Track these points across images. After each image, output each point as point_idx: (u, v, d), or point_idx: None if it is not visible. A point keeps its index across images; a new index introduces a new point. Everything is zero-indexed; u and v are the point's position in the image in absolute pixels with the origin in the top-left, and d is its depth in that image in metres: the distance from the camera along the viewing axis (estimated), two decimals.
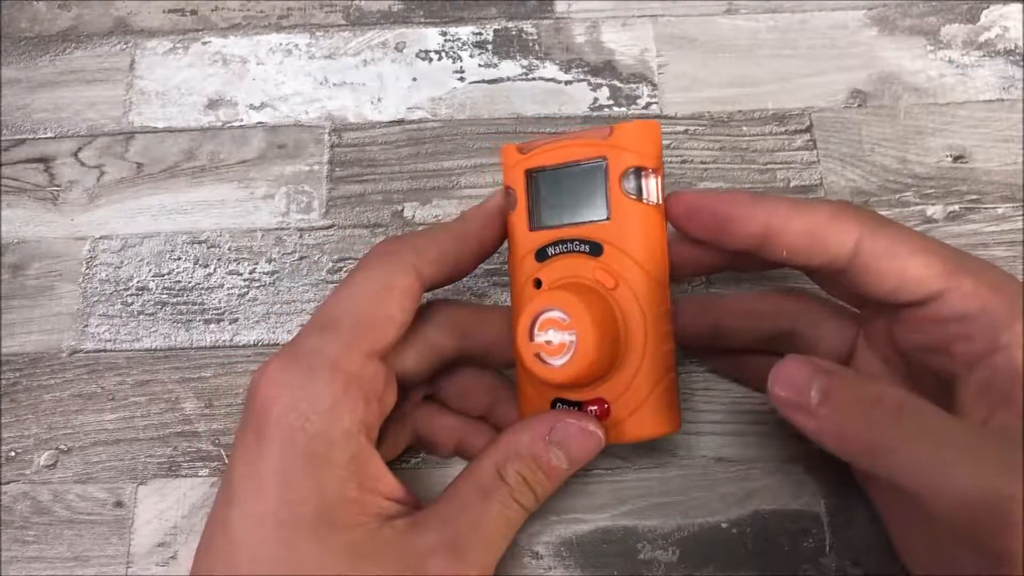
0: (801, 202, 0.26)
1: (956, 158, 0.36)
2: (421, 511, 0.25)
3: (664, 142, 0.36)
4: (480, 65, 0.38)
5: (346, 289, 0.26)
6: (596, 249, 0.26)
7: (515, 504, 0.25)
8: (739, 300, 0.30)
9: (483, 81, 0.38)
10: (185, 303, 0.34)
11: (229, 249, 0.35)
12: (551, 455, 0.25)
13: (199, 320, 0.34)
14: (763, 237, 0.25)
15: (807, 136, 0.37)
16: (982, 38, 0.38)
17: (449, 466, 0.31)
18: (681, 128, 0.37)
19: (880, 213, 0.26)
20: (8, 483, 0.31)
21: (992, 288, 0.24)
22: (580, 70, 0.38)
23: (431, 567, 0.23)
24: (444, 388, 0.30)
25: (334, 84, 0.38)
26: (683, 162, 0.36)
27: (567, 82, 0.38)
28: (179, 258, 0.35)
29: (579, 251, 0.26)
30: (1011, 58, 0.38)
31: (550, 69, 0.38)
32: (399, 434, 0.29)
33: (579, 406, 0.26)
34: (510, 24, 0.39)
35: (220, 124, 0.37)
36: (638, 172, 0.26)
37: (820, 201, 0.26)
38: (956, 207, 0.35)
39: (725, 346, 0.30)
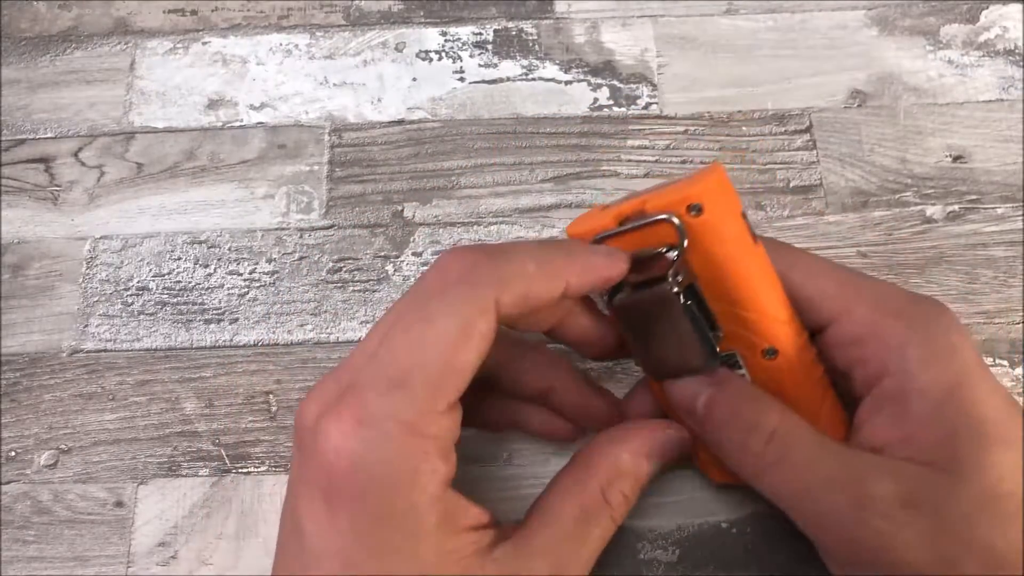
0: None
1: (956, 158, 0.36)
2: (518, 533, 0.24)
3: (664, 142, 0.37)
4: (480, 65, 0.38)
5: (417, 328, 0.22)
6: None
7: (613, 523, 0.25)
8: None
9: (483, 81, 0.38)
10: (185, 303, 0.34)
11: (229, 249, 0.35)
12: (653, 466, 0.25)
13: (199, 320, 0.34)
14: None
15: (807, 136, 0.37)
16: (982, 38, 0.38)
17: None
18: (681, 128, 0.37)
19: (783, 241, 0.27)
20: (8, 483, 0.31)
21: (887, 312, 0.24)
22: (580, 70, 0.38)
23: None
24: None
25: (334, 84, 0.38)
26: (683, 162, 0.36)
27: (567, 82, 0.38)
28: (179, 258, 0.35)
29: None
30: (1011, 58, 0.38)
31: (550, 69, 0.38)
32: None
33: None
34: (510, 24, 0.39)
35: (220, 124, 0.37)
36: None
37: None
38: (956, 207, 0.35)
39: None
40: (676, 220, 0.23)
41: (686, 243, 0.23)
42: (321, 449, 0.22)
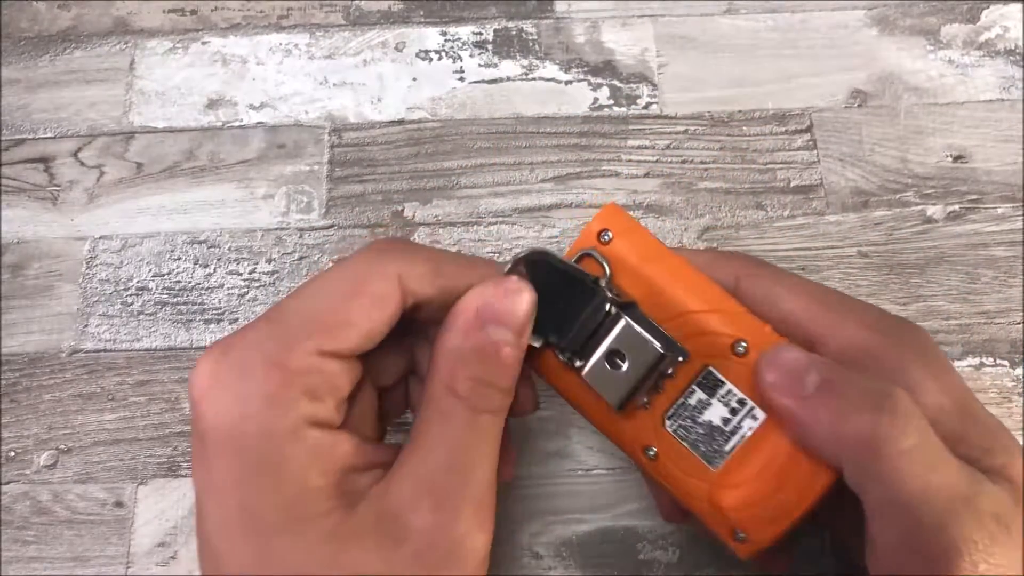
0: (678, 250, 0.25)
1: (956, 158, 0.36)
2: (395, 464, 0.22)
3: (664, 142, 0.37)
4: (480, 65, 0.38)
5: (311, 284, 0.23)
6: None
7: (481, 414, 0.22)
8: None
9: (483, 81, 0.38)
10: (185, 303, 0.34)
11: (229, 249, 0.35)
12: (491, 336, 0.22)
13: (199, 320, 0.34)
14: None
15: (807, 136, 0.37)
16: (982, 38, 0.38)
17: None
18: (681, 128, 0.37)
19: (758, 258, 0.26)
20: (8, 483, 0.31)
21: (877, 331, 0.23)
22: (580, 70, 0.38)
23: (414, 523, 0.21)
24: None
25: (334, 84, 0.38)
26: (683, 162, 0.36)
27: (567, 82, 0.38)
28: (179, 258, 0.35)
29: None
30: (1011, 58, 0.38)
31: (550, 69, 0.38)
32: (396, 364, 0.26)
33: None
34: (510, 24, 0.39)
35: (220, 124, 0.37)
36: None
37: (700, 250, 0.26)
38: (956, 207, 0.35)
39: None
40: (594, 253, 0.24)
41: (609, 270, 0.24)
42: (191, 384, 0.21)
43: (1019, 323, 0.33)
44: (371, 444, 0.23)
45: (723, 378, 0.23)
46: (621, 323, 0.23)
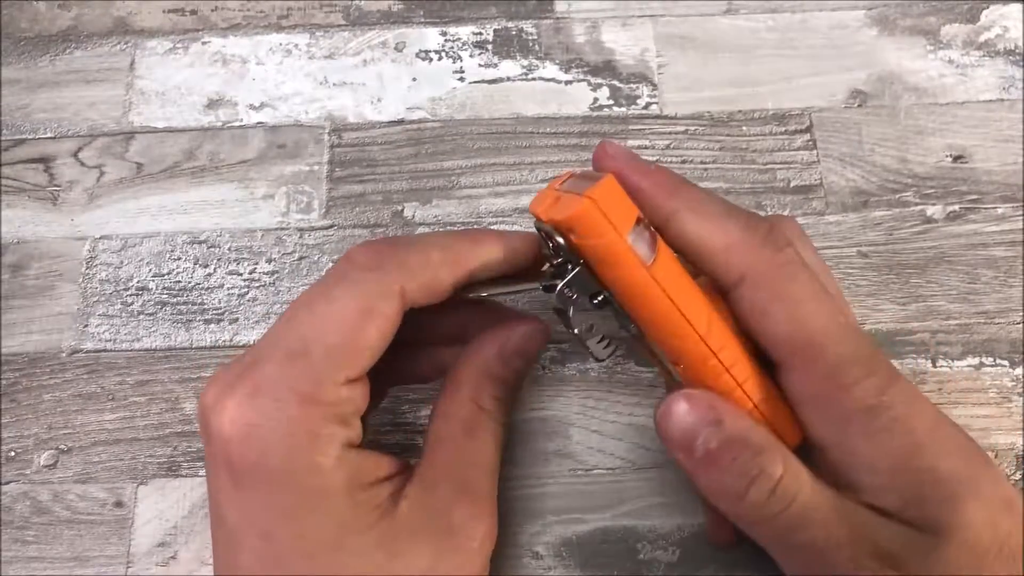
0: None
1: (956, 158, 0.36)
2: (419, 468, 0.25)
3: (664, 142, 0.37)
4: (480, 65, 0.38)
5: (321, 307, 0.23)
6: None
7: (497, 425, 0.26)
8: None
9: (483, 81, 0.38)
10: (185, 303, 0.34)
11: (229, 249, 0.35)
12: (513, 366, 0.26)
13: (199, 320, 0.34)
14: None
15: (807, 136, 0.37)
16: (982, 38, 0.38)
17: None
18: (681, 128, 0.37)
19: (686, 188, 0.25)
20: (8, 483, 0.31)
21: (745, 242, 0.24)
22: (580, 70, 0.38)
23: (457, 517, 0.24)
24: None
25: (334, 84, 0.38)
26: (683, 162, 0.36)
27: (567, 82, 0.38)
28: (179, 258, 0.35)
29: None
30: (1011, 58, 0.38)
31: (550, 69, 0.38)
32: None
33: None
34: (510, 24, 0.39)
35: (220, 124, 0.37)
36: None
37: (652, 169, 0.25)
38: (956, 207, 0.35)
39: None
40: (560, 240, 0.23)
41: (572, 257, 0.23)
42: (218, 425, 0.22)
43: (1019, 323, 0.33)
44: (381, 455, 0.25)
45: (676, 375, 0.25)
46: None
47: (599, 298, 0.24)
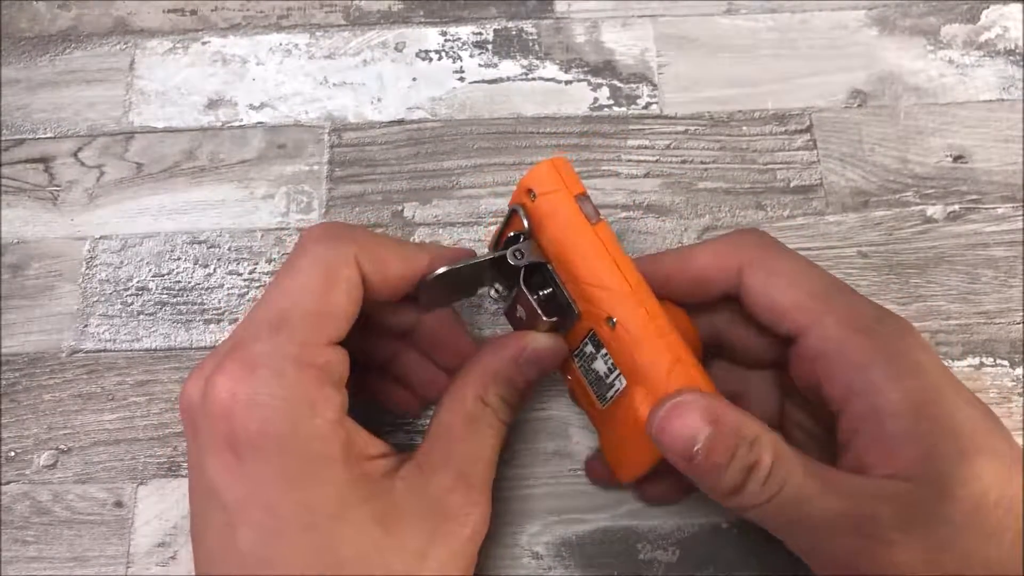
0: (690, 246, 0.27)
1: (956, 158, 0.36)
2: (416, 454, 0.25)
3: (664, 142, 0.37)
4: (480, 65, 0.38)
5: (287, 281, 0.24)
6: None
7: (500, 423, 0.26)
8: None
9: (483, 81, 0.38)
10: (185, 303, 0.34)
11: (229, 249, 0.35)
12: (525, 373, 0.26)
13: (199, 320, 0.34)
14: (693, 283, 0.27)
15: (807, 136, 0.37)
16: (982, 38, 0.38)
17: None
18: (681, 128, 0.37)
19: (766, 241, 0.27)
20: (8, 483, 0.31)
21: (853, 329, 0.24)
22: (580, 70, 0.38)
23: (451, 503, 0.24)
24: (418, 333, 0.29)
25: (334, 84, 0.38)
26: (683, 162, 0.36)
27: (567, 82, 0.38)
28: (179, 258, 0.35)
29: None
30: (1011, 58, 0.38)
31: (550, 69, 0.38)
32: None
33: None
34: (510, 24, 0.39)
35: (220, 124, 0.37)
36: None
37: (717, 239, 0.27)
38: (956, 207, 0.35)
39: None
40: (520, 210, 0.26)
41: (529, 226, 0.26)
42: (214, 402, 0.22)
43: (1019, 323, 0.33)
44: (372, 436, 0.25)
45: (601, 341, 0.26)
46: (517, 287, 0.26)
47: (542, 272, 0.26)
